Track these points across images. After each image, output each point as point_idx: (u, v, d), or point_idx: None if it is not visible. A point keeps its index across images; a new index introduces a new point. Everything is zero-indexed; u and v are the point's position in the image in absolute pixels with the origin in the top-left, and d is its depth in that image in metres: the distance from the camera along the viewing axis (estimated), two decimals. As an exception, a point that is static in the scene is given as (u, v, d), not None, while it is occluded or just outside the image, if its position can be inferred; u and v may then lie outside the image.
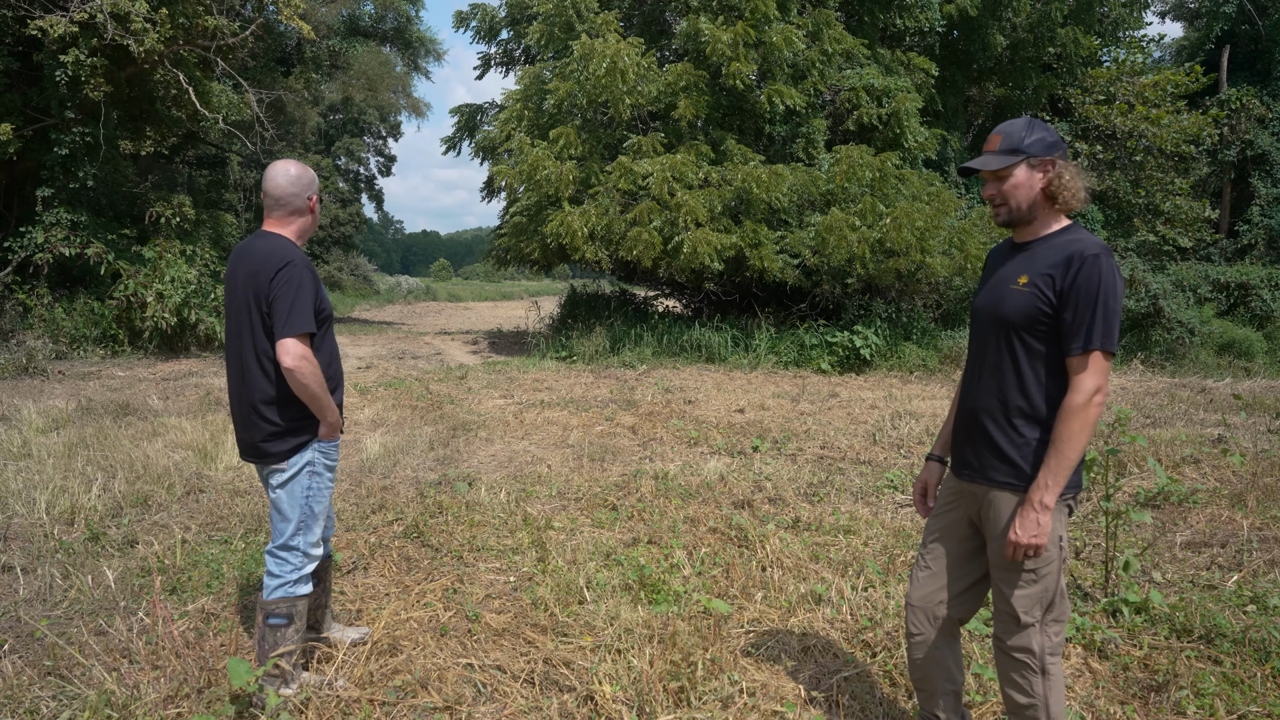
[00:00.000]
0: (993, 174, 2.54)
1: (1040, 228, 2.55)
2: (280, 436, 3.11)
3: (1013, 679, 2.56)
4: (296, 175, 3.17)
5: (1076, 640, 3.69)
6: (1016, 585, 2.51)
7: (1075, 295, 2.37)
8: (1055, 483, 2.37)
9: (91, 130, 14.69)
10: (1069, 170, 2.50)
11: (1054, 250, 2.46)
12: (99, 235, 15.03)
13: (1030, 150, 2.48)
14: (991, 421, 2.54)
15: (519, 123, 16.19)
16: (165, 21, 14.11)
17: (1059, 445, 2.36)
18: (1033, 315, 2.44)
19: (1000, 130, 2.54)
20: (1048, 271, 2.43)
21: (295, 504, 3.14)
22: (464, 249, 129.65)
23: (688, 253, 13.21)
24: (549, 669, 3.43)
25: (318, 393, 3.03)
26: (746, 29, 14.19)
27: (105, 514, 5.34)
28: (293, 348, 2.95)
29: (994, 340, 2.55)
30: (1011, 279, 2.52)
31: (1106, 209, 24.17)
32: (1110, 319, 2.35)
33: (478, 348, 17.61)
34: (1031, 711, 2.54)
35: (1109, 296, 2.35)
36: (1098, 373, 2.36)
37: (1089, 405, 2.34)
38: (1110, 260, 2.38)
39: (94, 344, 14.30)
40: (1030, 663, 2.52)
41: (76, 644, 3.58)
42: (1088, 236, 2.45)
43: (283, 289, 2.98)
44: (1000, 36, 20.20)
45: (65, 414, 8.36)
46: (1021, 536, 2.39)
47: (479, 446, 7.65)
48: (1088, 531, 5.29)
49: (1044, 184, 2.49)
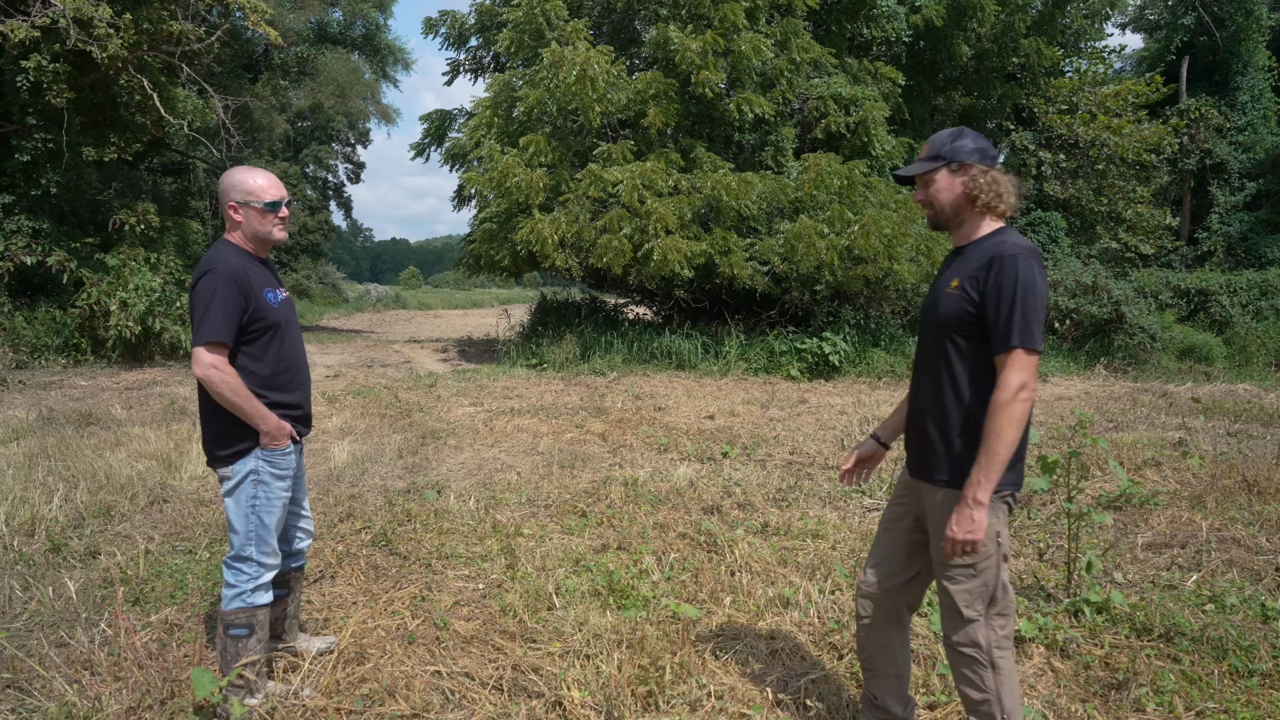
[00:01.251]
0: (919, 179, 2.67)
1: (972, 231, 2.63)
2: (220, 441, 3.09)
3: (964, 675, 2.61)
4: (221, 183, 3.17)
5: (1039, 640, 3.75)
6: (957, 581, 2.57)
7: (995, 295, 2.43)
8: (987, 479, 2.40)
9: (54, 136, 14.50)
10: (998, 177, 2.58)
11: (981, 253, 2.54)
12: (61, 243, 14.81)
13: (950, 156, 2.58)
14: (932, 421, 2.62)
15: (489, 130, 16.16)
16: (129, 27, 13.96)
17: (989, 442, 2.41)
18: (961, 316, 2.51)
19: (930, 140, 2.66)
20: (974, 273, 2.51)
21: (242, 514, 3.11)
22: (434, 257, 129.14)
23: (658, 260, 13.25)
24: (518, 675, 3.43)
25: (236, 401, 2.99)
26: (715, 37, 14.28)
27: (67, 525, 5.26)
28: (202, 356, 2.94)
29: (932, 342, 2.64)
30: (946, 282, 2.61)
31: (1070, 216, 24.55)
32: (1029, 317, 2.40)
33: (447, 356, 17.53)
34: (986, 707, 2.58)
35: (1027, 295, 2.40)
36: (1021, 369, 2.39)
37: (1015, 401, 2.38)
38: (1031, 260, 2.43)
39: (56, 353, 14.05)
40: (978, 657, 2.56)
41: (37, 656, 3.52)
42: (1015, 239, 2.51)
43: (197, 298, 2.97)
44: (965, 46, 20.46)
45: (26, 424, 8.22)
46: (957, 533, 2.43)
47: (448, 454, 7.62)
48: (1050, 533, 5.37)
49: (964, 188, 2.58)
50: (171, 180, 26.57)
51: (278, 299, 3.20)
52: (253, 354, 3.10)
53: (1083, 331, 17.00)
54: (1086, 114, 24.44)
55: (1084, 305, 16.71)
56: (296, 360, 3.28)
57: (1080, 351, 16.45)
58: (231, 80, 21.97)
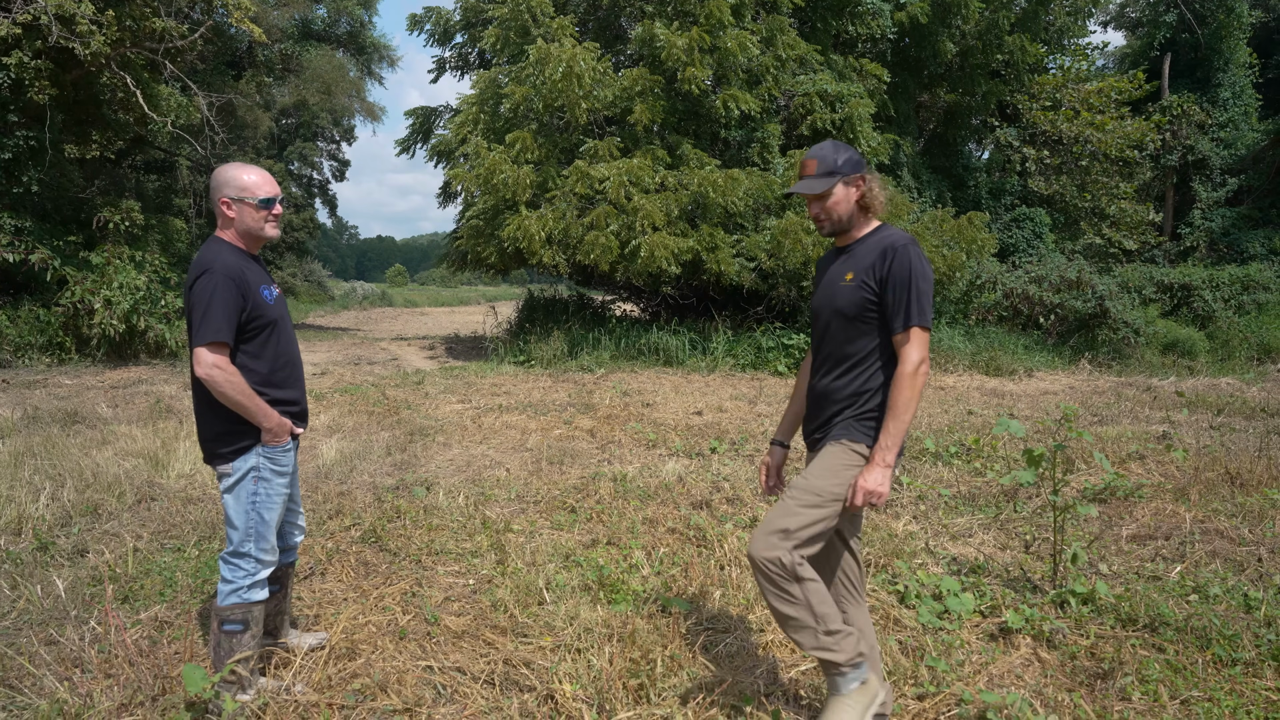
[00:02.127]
0: (816, 195, 2.86)
1: (857, 232, 2.92)
2: (222, 438, 3.09)
3: (774, 592, 2.69)
4: (213, 179, 3.17)
5: (1026, 631, 3.79)
6: (801, 501, 2.72)
7: (892, 281, 2.72)
8: (894, 443, 2.68)
9: (36, 134, 14.38)
10: (875, 182, 2.87)
11: (870, 248, 2.83)
12: (44, 241, 14.68)
13: (843, 170, 2.82)
14: (836, 399, 2.86)
15: (475, 126, 16.13)
16: (112, 24, 13.86)
17: (895, 410, 2.68)
18: (861, 304, 2.78)
19: (813, 156, 2.86)
20: (869, 266, 2.78)
21: (242, 510, 3.11)
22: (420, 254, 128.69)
23: (645, 256, 13.26)
24: (509, 669, 3.44)
25: (240, 400, 2.99)
26: (701, 34, 14.29)
27: (54, 523, 5.23)
28: (204, 357, 2.94)
29: (833, 331, 2.89)
30: (839, 278, 2.88)
31: (1054, 212, 24.70)
32: (923, 299, 2.70)
33: (435, 353, 17.49)
34: (801, 618, 2.68)
35: (919, 280, 2.70)
36: (920, 345, 2.70)
37: (917, 374, 2.68)
38: (918, 250, 2.74)
39: (40, 352, 13.95)
40: (783, 573, 2.66)
41: (27, 654, 3.51)
42: (896, 232, 2.82)
43: (196, 298, 2.96)
44: (950, 44, 20.54)
45: (10, 423, 8.17)
46: (868, 484, 2.67)
47: (437, 451, 7.61)
48: (1036, 526, 5.42)
49: (858, 196, 2.86)
50: (155, 178, 26.38)
51: (273, 296, 3.20)
52: (251, 352, 3.10)
53: (1067, 326, 17.11)
54: (1070, 110, 24.59)
55: (1068, 300, 16.81)
56: (293, 356, 3.29)
57: (1064, 346, 16.56)
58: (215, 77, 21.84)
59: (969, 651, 3.65)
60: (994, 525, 5.49)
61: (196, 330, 2.94)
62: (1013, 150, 24.78)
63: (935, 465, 7.07)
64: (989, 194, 24.76)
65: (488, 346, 16.30)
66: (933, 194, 22.21)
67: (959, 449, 7.47)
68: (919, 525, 5.46)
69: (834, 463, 2.76)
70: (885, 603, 4.08)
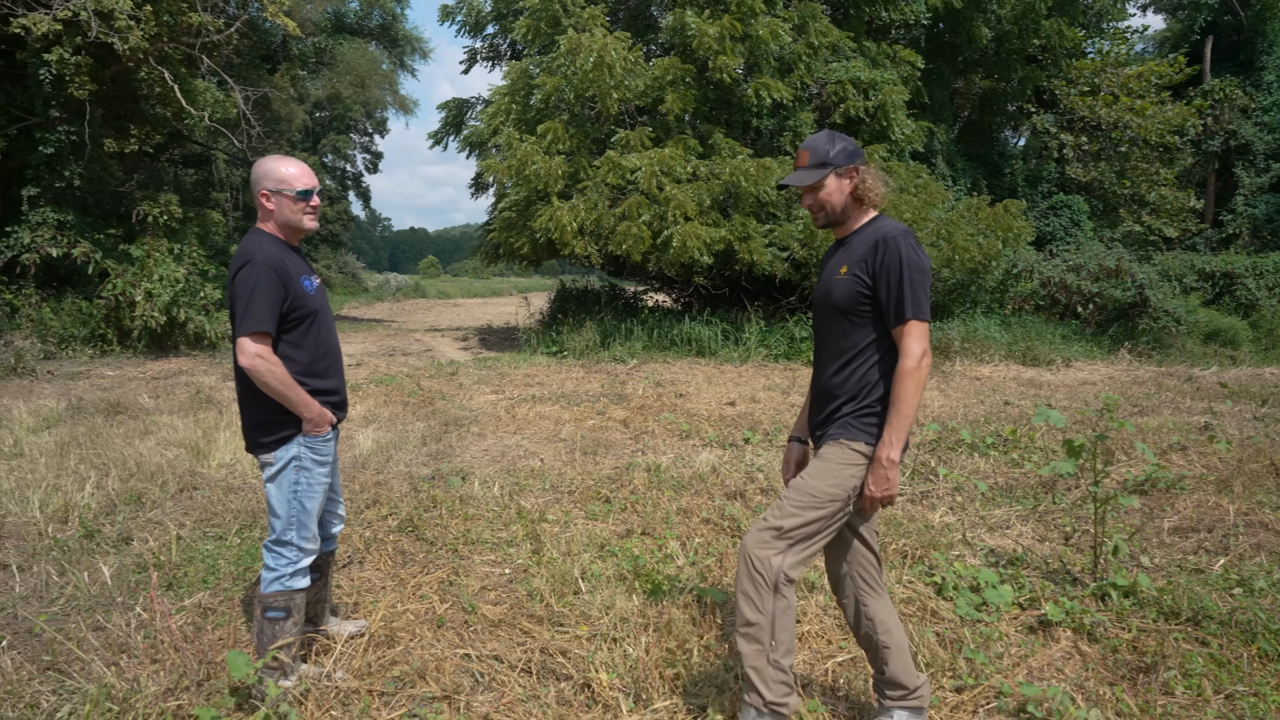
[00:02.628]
0: (808, 187, 2.80)
1: (853, 224, 2.85)
2: (264, 427, 3.13)
3: (748, 592, 2.67)
4: (253, 172, 3.21)
5: (1066, 624, 3.75)
6: (799, 502, 2.68)
7: (885, 274, 2.65)
8: (898, 438, 2.62)
9: (76, 129, 14.61)
10: (870, 173, 2.79)
11: (864, 240, 2.76)
12: (86, 234, 14.95)
13: (836, 161, 2.76)
14: (839, 395, 2.79)
15: (506, 117, 16.17)
16: (149, 19, 14.04)
17: (898, 405, 2.62)
18: (855, 298, 2.72)
19: (807, 146, 2.81)
20: (861, 258, 2.72)
21: (284, 499, 3.15)
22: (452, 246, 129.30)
23: (677, 247, 13.24)
24: (546, 658, 3.46)
25: (282, 390, 3.03)
26: (733, 22, 14.21)
27: (99, 511, 5.34)
28: (247, 346, 2.97)
29: (831, 325, 2.83)
30: (835, 271, 2.82)
31: (1092, 200, 24.32)
32: (917, 291, 2.62)
33: (468, 344, 17.60)
34: (757, 631, 2.65)
35: (913, 271, 2.62)
36: (919, 338, 2.62)
37: (919, 368, 2.61)
38: (910, 240, 2.67)
39: (83, 343, 14.23)
40: (765, 576, 2.64)
41: (75, 639, 3.59)
42: (891, 223, 2.76)
43: (240, 289, 3.00)
44: (985, 29, 20.27)
45: (56, 413, 8.34)
46: (875, 491, 2.65)
47: (471, 441, 7.67)
48: (1076, 517, 5.35)
49: (851, 188, 2.79)
50: (192, 172, 26.71)
51: (313, 286, 3.23)
52: (293, 341, 3.13)
53: (1106, 316, 16.86)
54: (1109, 96, 24.19)
55: (1107, 289, 16.55)
56: (333, 346, 3.32)
57: (1103, 336, 16.31)
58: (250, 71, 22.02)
59: (1008, 644, 3.62)
60: (1032, 517, 5.43)
61: (240, 320, 2.98)
62: (1050, 137, 24.41)
63: (971, 456, 7.00)
64: (1025, 181, 24.43)
65: (520, 337, 16.37)
66: (967, 182, 21.95)
67: (995, 440, 7.40)
68: (955, 516, 5.41)
69: (831, 463, 2.72)
70: (922, 594, 4.06)
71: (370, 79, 34.90)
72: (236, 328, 3.00)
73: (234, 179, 28.36)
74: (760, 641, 2.65)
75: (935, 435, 7.55)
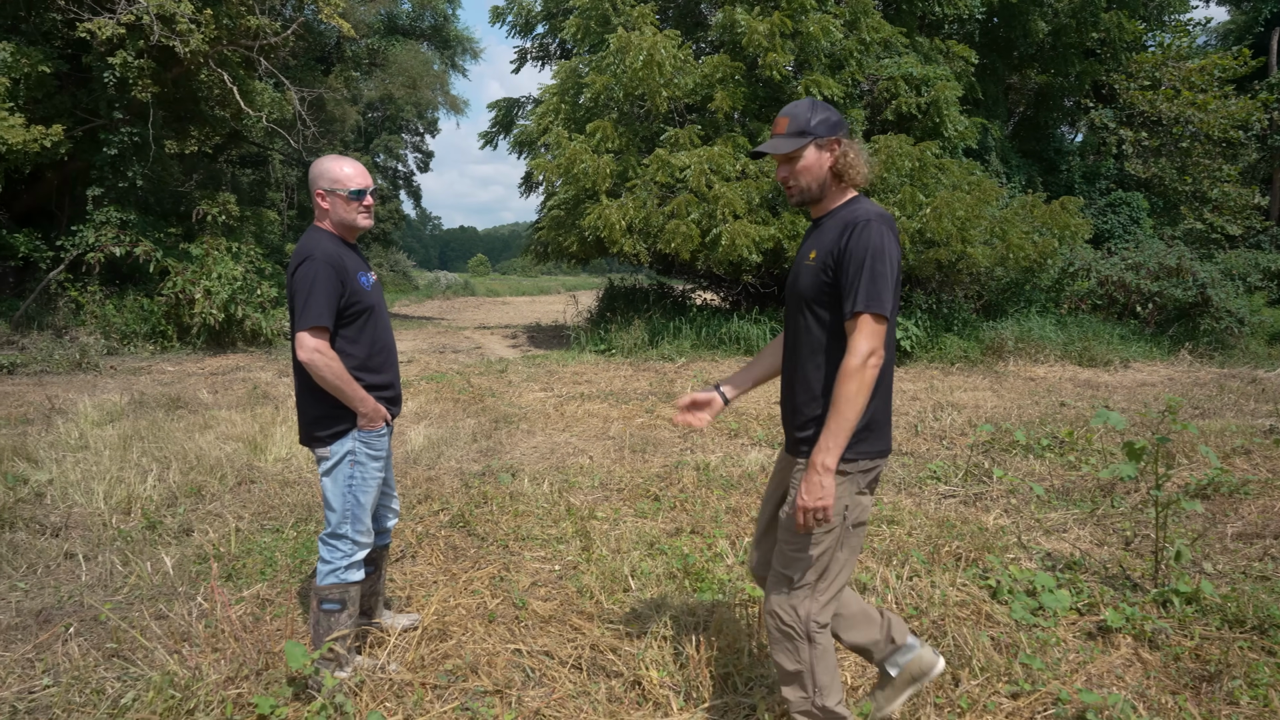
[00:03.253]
0: (784, 157, 2.56)
1: (829, 204, 2.60)
2: (320, 422, 3.19)
3: (780, 644, 2.59)
4: (311, 171, 3.27)
5: (1126, 630, 3.66)
6: (796, 546, 2.54)
7: (846, 260, 2.41)
8: (836, 444, 2.37)
9: (139, 130, 15.02)
10: (853, 149, 2.55)
11: (837, 222, 2.51)
12: (147, 233, 15.38)
13: (817, 131, 2.51)
14: (798, 394, 2.60)
15: (556, 116, 16.25)
16: (210, 22, 14.37)
17: (838, 406, 2.37)
18: (819, 287, 2.50)
19: (786, 113, 2.57)
20: (830, 244, 2.48)
21: (339, 493, 3.20)
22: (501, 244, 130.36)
23: (726, 245, 13.20)
24: (596, 655, 3.47)
25: (338, 384, 3.08)
26: (783, 19, 14.12)
27: (161, 503, 5.48)
28: (305, 341, 3.02)
29: (795, 316, 2.62)
30: (805, 255, 2.60)
31: (1152, 196, 23.72)
32: (877, 282, 2.36)
33: (517, 342, 17.73)
34: (798, 680, 2.57)
35: (876, 260, 2.37)
36: (870, 335, 2.36)
37: (864, 368, 2.35)
38: (883, 227, 2.41)
39: (144, 340, 14.62)
40: (795, 628, 2.55)
41: (138, 627, 3.69)
42: (868, 206, 2.50)
43: (298, 285, 3.06)
44: (1042, 22, 19.88)
45: (119, 407, 8.56)
46: (807, 500, 2.40)
47: (521, 438, 7.72)
48: (1136, 522, 5.23)
49: (831, 163, 2.54)
50: (249, 171, 27.28)
51: (370, 282, 3.28)
52: (350, 337, 3.18)
53: (1166, 315, 16.43)
54: (1170, 90, 23.56)
55: (1167, 288, 16.13)
56: (388, 342, 3.36)
57: (1163, 336, 15.90)
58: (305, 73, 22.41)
59: (1065, 650, 3.55)
60: (1090, 520, 5.32)
61: (298, 315, 3.03)
62: (1108, 132, 23.86)
63: (1026, 458, 6.88)
64: (1082, 178, 23.90)
65: (569, 335, 16.45)
66: (1022, 179, 21.55)
67: (1051, 441, 7.26)
68: (1010, 519, 5.32)
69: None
70: (976, 597, 4.00)
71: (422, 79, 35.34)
72: (295, 323, 3.05)
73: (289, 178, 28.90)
74: (805, 689, 2.57)
75: (989, 436, 7.43)
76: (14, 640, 3.63)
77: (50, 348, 12.52)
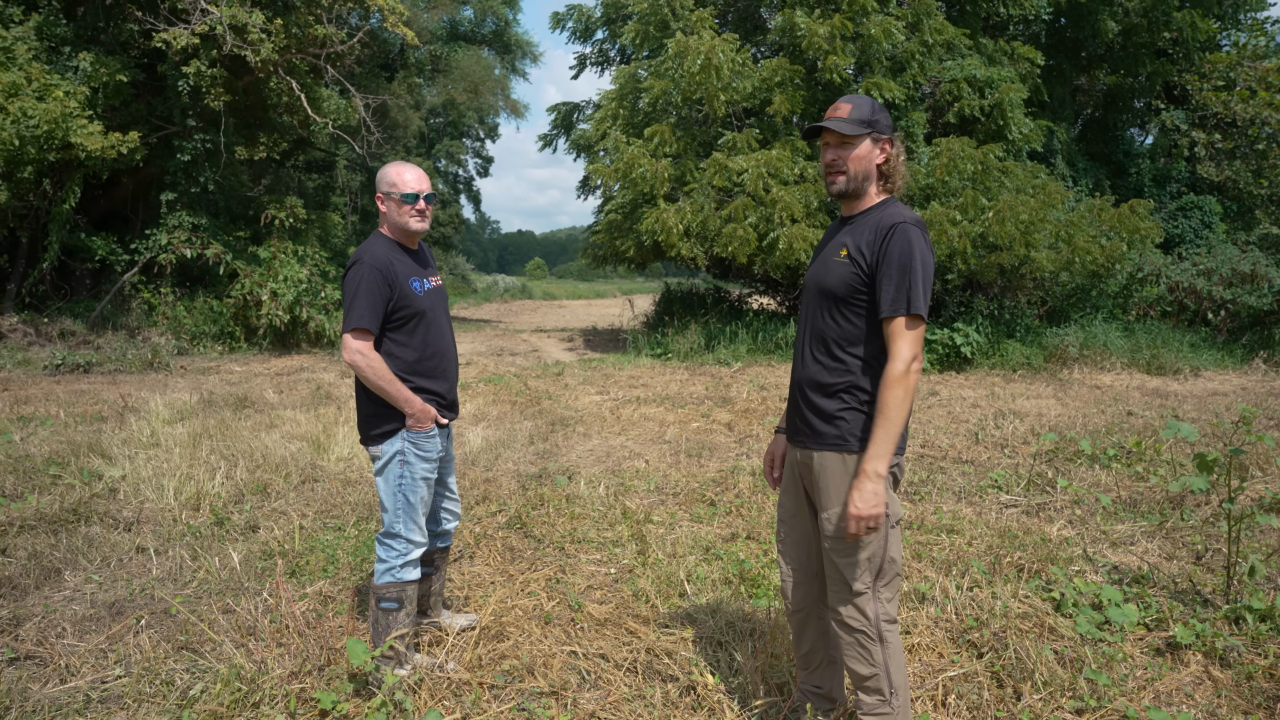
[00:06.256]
0: (842, 138, 2.55)
1: (865, 202, 2.61)
2: (371, 421, 3.27)
3: (852, 650, 2.58)
4: (377, 176, 3.36)
5: (1196, 647, 3.56)
6: (845, 553, 2.53)
7: (887, 261, 2.42)
8: (886, 451, 2.39)
9: (212, 137, 15.46)
10: (902, 154, 2.60)
11: (872, 222, 2.52)
12: (218, 237, 15.83)
13: (878, 127, 2.54)
14: (817, 390, 2.59)
15: (614, 121, 16.34)
16: (279, 32, 14.73)
17: (886, 413, 2.39)
18: (851, 285, 2.50)
19: (850, 100, 2.57)
20: (865, 242, 2.49)
21: (390, 492, 3.27)
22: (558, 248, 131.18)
23: (783, 249, 13.12)
24: (651, 659, 3.48)
25: (381, 385, 3.16)
26: (844, 21, 14.01)
27: (228, 500, 5.63)
28: (349, 342, 3.14)
29: (818, 312, 2.62)
30: (835, 252, 2.59)
31: (1226, 200, 22.98)
32: (917, 286, 2.39)
33: (573, 345, 17.84)
34: (874, 681, 2.56)
35: (919, 265, 2.40)
36: (912, 341, 2.40)
37: (908, 373, 2.38)
38: (922, 232, 2.44)
39: (212, 340, 15.04)
40: (866, 630, 2.54)
41: (206, 621, 3.80)
42: (905, 210, 2.51)
43: (346, 288, 3.17)
44: (1111, 22, 19.42)
45: (189, 406, 8.81)
46: (862, 509, 2.39)
47: (577, 441, 7.77)
48: (1207, 535, 5.08)
49: (881, 160, 2.57)
50: (316, 176, 27.86)
51: (424, 288, 3.33)
52: (399, 340, 3.26)
53: (1239, 323, 15.89)
54: (1245, 90, 22.77)
55: (1241, 296, 15.60)
56: (442, 348, 3.40)
57: (1236, 345, 15.37)
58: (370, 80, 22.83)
59: (1133, 666, 3.46)
60: (1158, 533, 5.17)
61: (345, 317, 3.15)
62: (1180, 134, 23.15)
63: (1092, 468, 6.72)
64: (1153, 181, 23.26)
65: (625, 339, 16.49)
66: (1089, 182, 21.05)
67: (1118, 451, 7.08)
68: (1074, 530, 5.20)
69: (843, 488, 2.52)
70: (1039, 610, 3.91)
71: (483, 85, 35.74)
72: (343, 324, 3.16)
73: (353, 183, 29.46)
74: (880, 691, 2.57)
75: (1052, 445, 7.28)
76: (88, 631, 3.76)
77: (124, 347, 12.96)
